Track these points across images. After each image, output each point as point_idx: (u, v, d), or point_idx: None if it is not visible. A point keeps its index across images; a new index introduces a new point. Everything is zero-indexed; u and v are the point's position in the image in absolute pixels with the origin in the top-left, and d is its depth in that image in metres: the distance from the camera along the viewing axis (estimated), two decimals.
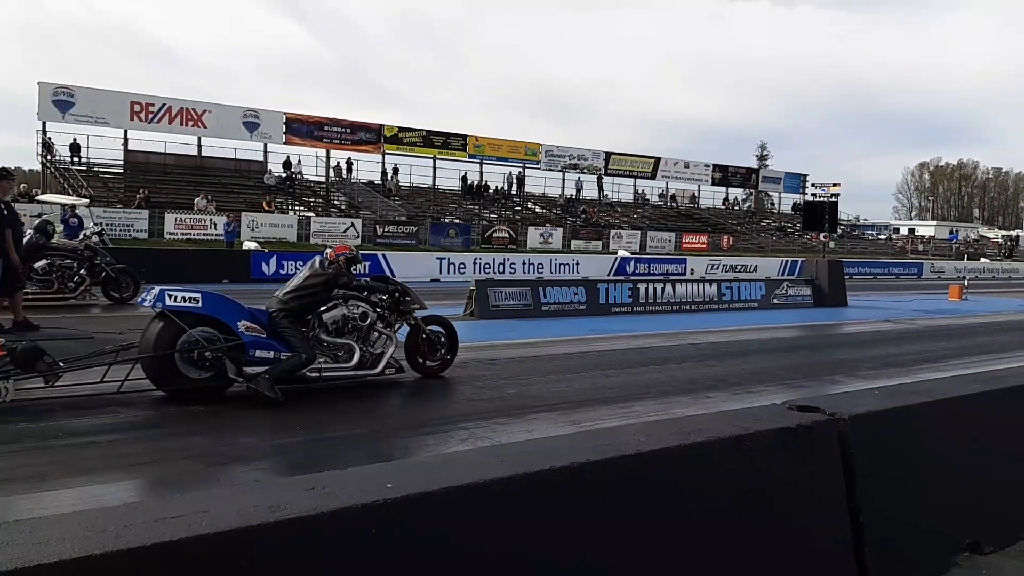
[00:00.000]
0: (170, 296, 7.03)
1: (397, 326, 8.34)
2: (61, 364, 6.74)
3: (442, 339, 8.67)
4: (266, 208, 35.29)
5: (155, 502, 2.26)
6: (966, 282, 26.78)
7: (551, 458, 2.54)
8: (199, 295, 7.12)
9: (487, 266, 26.46)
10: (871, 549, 3.20)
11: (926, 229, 77.82)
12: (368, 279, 8.52)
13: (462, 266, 25.90)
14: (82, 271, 13.95)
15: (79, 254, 14.02)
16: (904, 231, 77.30)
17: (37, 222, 14.31)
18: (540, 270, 27.56)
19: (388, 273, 20.49)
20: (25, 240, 12.77)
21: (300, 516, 1.99)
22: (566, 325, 14.06)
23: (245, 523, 1.91)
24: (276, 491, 2.15)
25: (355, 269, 8.27)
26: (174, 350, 6.93)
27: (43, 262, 13.53)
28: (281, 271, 20.83)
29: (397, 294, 8.28)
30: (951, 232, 74.80)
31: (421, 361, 8.53)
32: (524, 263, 27.86)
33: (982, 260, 50.49)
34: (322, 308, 7.76)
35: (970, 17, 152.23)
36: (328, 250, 8.11)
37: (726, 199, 61.10)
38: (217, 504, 2.03)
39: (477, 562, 2.29)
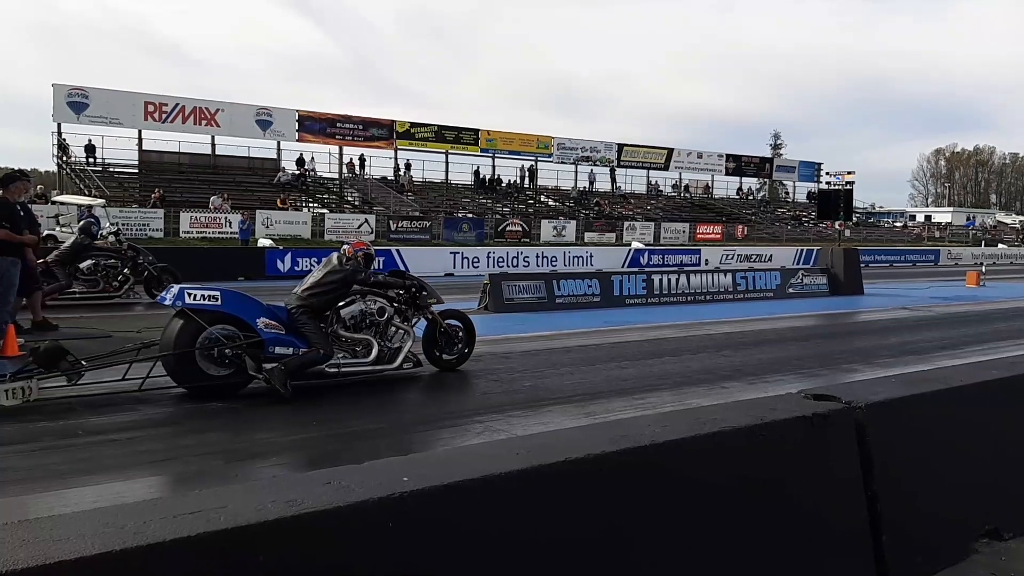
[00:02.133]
0: (190, 294, 7.10)
1: (414, 321, 8.38)
2: (83, 363, 6.81)
3: (460, 333, 8.69)
4: (280, 205, 35.37)
5: (173, 498, 2.28)
6: (983, 268, 26.56)
7: (567, 450, 2.54)
8: (218, 293, 7.18)
9: (501, 260, 26.48)
10: (889, 537, 3.19)
11: (943, 216, 77.12)
12: (385, 274, 8.55)
13: (476, 260, 25.92)
14: (126, 270, 14.37)
15: (123, 254, 14.48)
16: (920, 218, 76.67)
17: (82, 223, 14.79)
18: (554, 263, 27.54)
19: (402, 268, 20.55)
20: (72, 241, 13.90)
21: (317, 510, 2.00)
22: (580, 317, 14.06)
23: (262, 518, 1.93)
24: (293, 486, 2.17)
25: (372, 265, 8.30)
26: (194, 348, 6.99)
27: (88, 262, 13.96)
28: (296, 268, 20.94)
29: (414, 289, 8.31)
30: (968, 218, 74.10)
31: (438, 355, 8.56)
32: (538, 256, 27.84)
33: (1000, 246, 50.08)
34: (340, 304, 7.80)
35: (985, 1, 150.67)
36: (345, 246, 8.15)
37: (740, 189, 60.77)
38: (234, 499, 2.04)
39: (494, 554, 2.30)
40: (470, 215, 41.16)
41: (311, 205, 39.45)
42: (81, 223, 14.85)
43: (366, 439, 6.27)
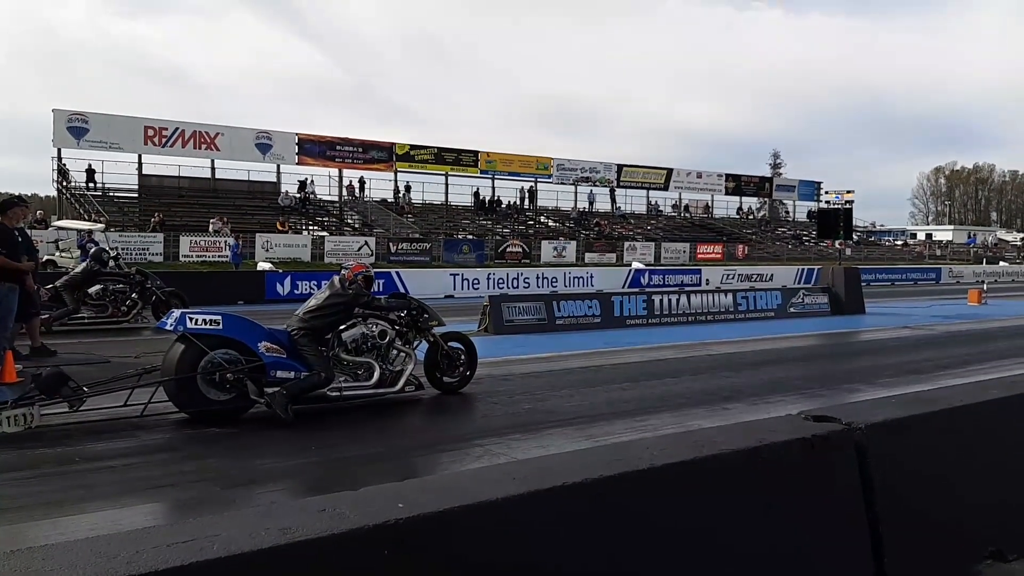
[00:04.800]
0: (191, 319, 7.09)
1: (416, 343, 8.36)
2: (85, 389, 6.78)
3: (461, 356, 8.67)
4: (280, 228, 35.47)
5: (167, 527, 2.26)
6: (985, 286, 26.53)
7: (563, 474, 2.52)
8: (220, 317, 7.18)
9: (501, 281, 26.47)
10: (891, 559, 3.16)
11: (943, 234, 77.15)
12: (386, 297, 8.55)
13: (476, 282, 25.91)
14: (134, 295, 14.43)
15: (131, 279, 14.56)
16: (921, 236, 76.71)
17: (93, 250, 15.02)
18: (554, 284, 27.52)
19: (403, 291, 20.53)
20: (82, 267, 14.21)
21: (311, 538, 1.98)
22: (581, 339, 14.03)
23: (256, 546, 1.91)
24: (287, 513, 2.15)
25: (372, 288, 8.30)
26: (196, 373, 6.97)
27: (97, 287, 14.05)
28: (296, 291, 20.91)
29: (415, 311, 8.30)
30: (969, 236, 74.14)
31: (440, 378, 8.53)
32: (538, 277, 27.83)
33: (1001, 264, 50.08)
34: (341, 327, 7.79)
35: (984, 18, 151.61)
36: (345, 270, 8.14)
37: (740, 208, 60.92)
38: (229, 527, 2.02)
39: None
40: (470, 237, 41.25)
41: (311, 228, 39.54)
42: (92, 250, 15.02)
43: (366, 464, 6.24)
